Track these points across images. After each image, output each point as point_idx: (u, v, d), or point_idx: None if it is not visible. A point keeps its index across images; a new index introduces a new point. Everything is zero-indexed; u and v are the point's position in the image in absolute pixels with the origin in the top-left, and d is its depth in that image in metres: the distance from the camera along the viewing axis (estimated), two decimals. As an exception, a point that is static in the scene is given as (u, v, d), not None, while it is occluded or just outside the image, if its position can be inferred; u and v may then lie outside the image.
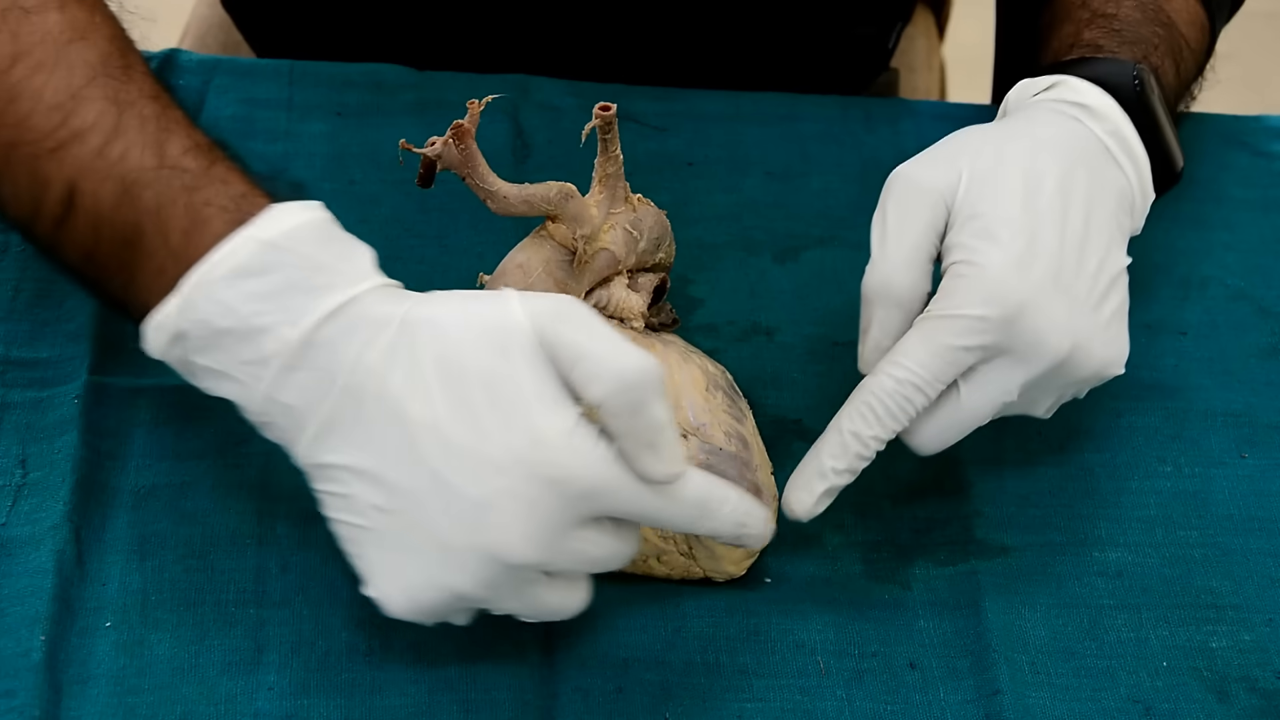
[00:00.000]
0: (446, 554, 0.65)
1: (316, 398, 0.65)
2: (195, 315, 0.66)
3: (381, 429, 0.65)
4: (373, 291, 0.67)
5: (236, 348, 0.66)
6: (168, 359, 0.68)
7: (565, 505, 0.64)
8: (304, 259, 0.66)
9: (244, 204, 0.68)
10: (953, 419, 0.74)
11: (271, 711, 0.70)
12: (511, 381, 0.64)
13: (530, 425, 0.63)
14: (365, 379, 0.65)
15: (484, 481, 0.63)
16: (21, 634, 0.70)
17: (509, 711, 0.71)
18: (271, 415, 0.67)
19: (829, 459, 0.73)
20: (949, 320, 0.72)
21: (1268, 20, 2.22)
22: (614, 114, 0.73)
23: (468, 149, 0.72)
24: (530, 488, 0.63)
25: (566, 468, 0.63)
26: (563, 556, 0.65)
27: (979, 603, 0.76)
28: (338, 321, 0.65)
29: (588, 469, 0.64)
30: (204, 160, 0.69)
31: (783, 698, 0.73)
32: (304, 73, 0.97)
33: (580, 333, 0.64)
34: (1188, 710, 0.73)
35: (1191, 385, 0.86)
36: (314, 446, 0.66)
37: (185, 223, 0.67)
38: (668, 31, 1.04)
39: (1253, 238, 0.93)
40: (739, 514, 0.68)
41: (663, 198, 0.79)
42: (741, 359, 0.84)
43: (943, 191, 0.74)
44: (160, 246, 0.68)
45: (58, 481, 0.75)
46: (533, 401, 0.64)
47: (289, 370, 0.66)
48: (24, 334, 0.82)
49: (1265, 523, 0.80)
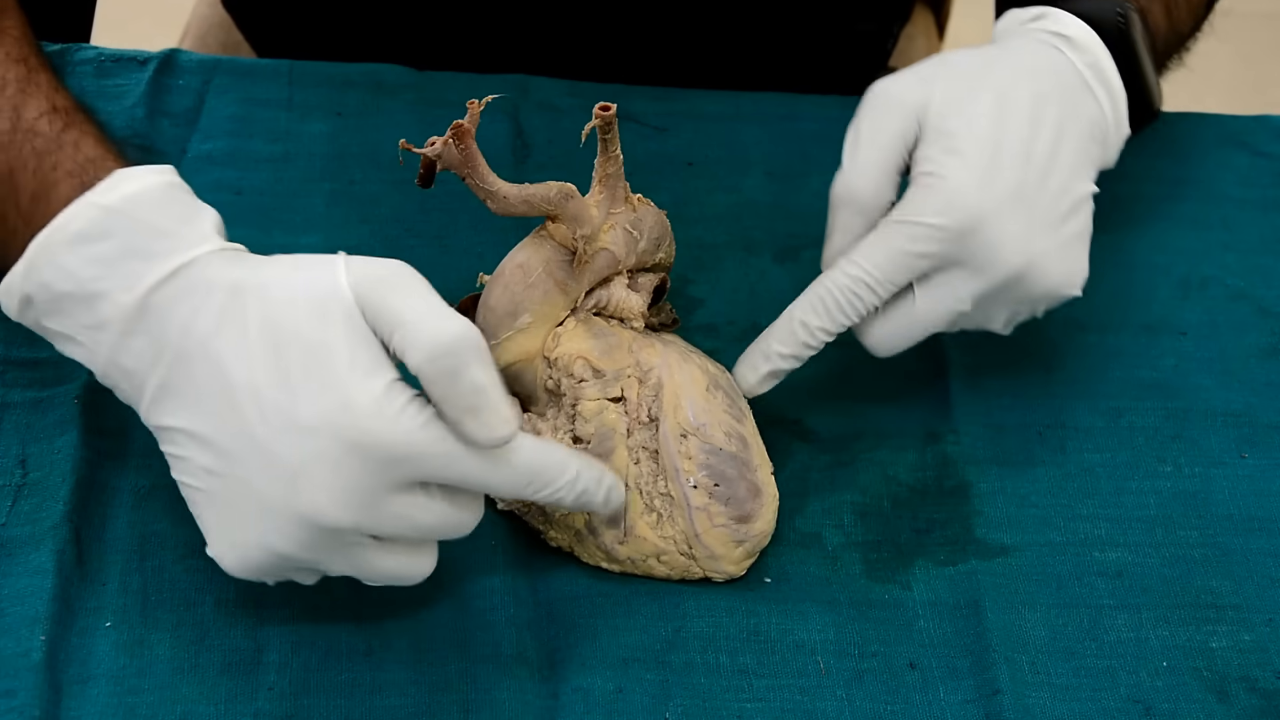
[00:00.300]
0: (267, 516, 0.66)
1: (151, 361, 0.67)
2: (39, 279, 0.68)
3: (209, 393, 0.66)
4: (209, 256, 0.68)
5: (77, 312, 0.68)
6: (23, 322, 0.70)
7: (375, 470, 0.64)
8: (142, 224, 0.67)
9: (91, 169, 0.70)
10: (906, 322, 0.76)
11: (271, 711, 0.70)
12: (326, 347, 0.65)
13: (340, 391, 0.64)
14: (195, 344, 0.66)
15: (296, 445, 0.64)
16: (21, 634, 0.70)
17: (509, 711, 0.71)
18: (114, 379, 0.69)
19: (776, 343, 0.76)
20: (906, 226, 0.74)
21: (1268, 20, 2.22)
22: (614, 114, 0.73)
23: (468, 149, 0.72)
24: (338, 451, 0.64)
25: (372, 433, 0.64)
26: (384, 521, 0.66)
27: (979, 603, 0.76)
28: (171, 286, 0.67)
29: (395, 434, 0.64)
30: (59, 124, 0.71)
31: (783, 698, 0.73)
32: (304, 73, 0.97)
33: (400, 299, 0.65)
34: (1188, 710, 0.73)
35: (1191, 385, 0.86)
36: (153, 409, 0.68)
37: (34, 186, 0.69)
38: (668, 31, 1.04)
39: (1253, 238, 0.93)
40: (581, 483, 0.68)
41: (663, 198, 0.79)
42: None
43: (915, 107, 0.77)
44: (12, 210, 0.70)
45: (58, 481, 0.75)
46: (345, 367, 0.64)
47: (126, 335, 0.67)
48: (24, 334, 0.81)
49: (1265, 523, 0.81)
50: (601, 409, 0.74)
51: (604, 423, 0.74)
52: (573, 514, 0.75)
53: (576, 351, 0.75)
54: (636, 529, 0.74)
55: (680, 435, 0.74)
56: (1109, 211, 0.94)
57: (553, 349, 0.75)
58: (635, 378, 0.75)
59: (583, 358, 0.75)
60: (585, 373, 0.75)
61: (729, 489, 0.74)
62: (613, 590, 0.75)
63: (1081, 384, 0.86)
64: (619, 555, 0.75)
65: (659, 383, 0.75)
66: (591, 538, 0.75)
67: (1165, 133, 0.98)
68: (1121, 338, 0.88)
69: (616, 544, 0.75)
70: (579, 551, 0.76)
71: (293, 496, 0.65)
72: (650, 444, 0.74)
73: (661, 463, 0.74)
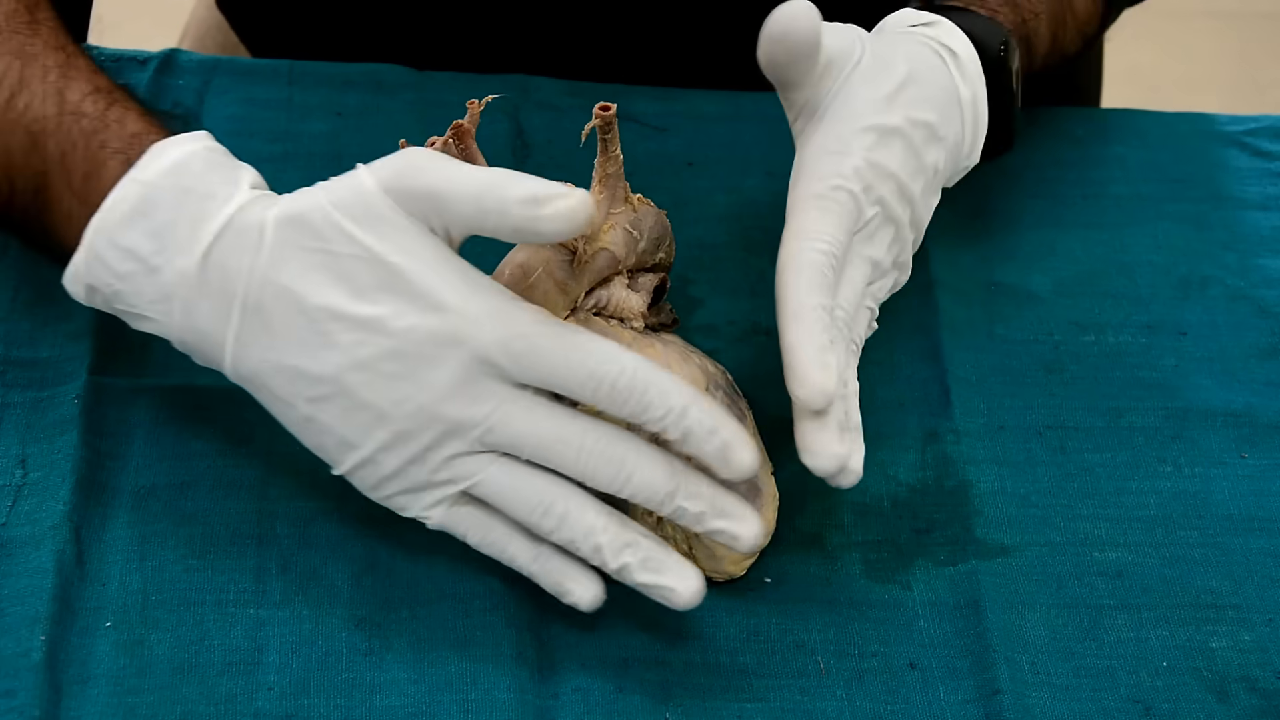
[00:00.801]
0: (386, 420, 0.67)
1: (224, 316, 0.68)
2: (100, 265, 0.70)
3: (288, 326, 0.67)
4: (250, 204, 0.69)
5: (143, 289, 0.69)
6: (93, 305, 0.72)
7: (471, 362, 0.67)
8: (188, 192, 0.69)
9: (136, 143, 0.71)
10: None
11: (271, 711, 0.70)
12: (377, 253, 0.67)
13: (411, 293, 0.66)
14: (259, 285, 0.68)
15: (386, 350, 0.67)
16: (21, 634, 0.70)
17: (509, 711, 0.71)
18: (192, 344, 0.70)
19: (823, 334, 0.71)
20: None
21: (1268, 20, 2.22)
22: (614, 114, 0.73)
23: (468, 149, 0.72)
24: (432, 348, 0.66)
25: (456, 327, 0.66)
26: (497, 416, 0.67)
27: (979, 603, 0.76)
28: (224, 242, 0.68)
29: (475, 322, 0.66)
30: (102, 104, 0.73)
31: (783, 698, 0.73)
32: (304, 73, 0.97)
33: (426, 180, 0.67)
34: (1188, 710, 0.73)
35: (1191, 385, 0.86)
36: (237, 362, 0.69)
37: (86, 167, 0.71)
38: (668, 31, 1.04)
39: (1253, 238, 0.93)
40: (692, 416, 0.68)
41: (663, 198, 0.79)
42: (741, 359, 0.84)
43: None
44: (66, 192, 0.72)
45: (58, 481, 0.75)
46: (402, 268, 0.66)
47: (193, 299, 0.69)
48: (24, 334, 0.82)
49: (1265, 523, 0.81)
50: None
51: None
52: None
53: (576, 351, 0.75)
54: (636, 529, 0.74)
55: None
56: (1109, 211, 0.94)
57: (553, 349, 0.75)
58: (635, 378, 0.75)
59: (583, 358, 0.75)
60: (585, 373, 0.75)
61: (729, 489, 0.74)
62: (613, 590, 0.75)
63: (1081, 384, 0.86)
64: (619, 555, 0.75)
65: (659, 383, 0.75)
66: (591, 538, 0.75)
67: (1165, 133, 0.98)
68: (1121, 338, 0.88)
69: (616, 544, 0.75)
70: (579, 551, 0.76)
71: (410, 396, 0.67)
72: (650, 444, 0.74)
73: (661, 463, 0.74)
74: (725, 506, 0.70)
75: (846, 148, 0.75)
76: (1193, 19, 2.20)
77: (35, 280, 0.83)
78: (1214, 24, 2.18)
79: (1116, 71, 1.27)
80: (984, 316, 0.88)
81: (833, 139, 0.75)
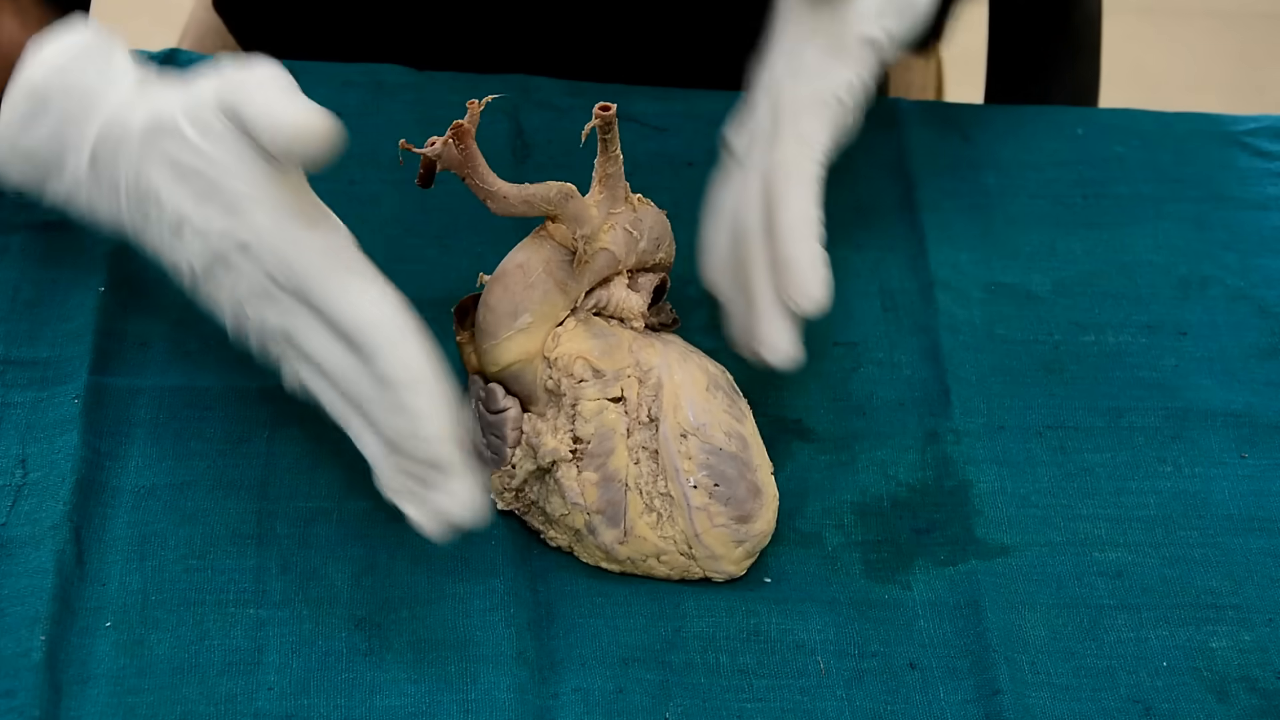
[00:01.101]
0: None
1: (122, 208, 0.73)
2: (15, 167, 0.75)
3: (159, 222, 0.72)
4: (120, 108, 0.73)
5: (60, 175, 0.74)
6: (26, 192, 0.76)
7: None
8: (69, 90, 0.73)
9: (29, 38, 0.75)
10: None
11: (271, 711, 0.70)
12: (212, 167, 0.70)
13: (223, 203, 0.70)
14: (136, 183, 0.72)
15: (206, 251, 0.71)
16: (21, 634, 0.70)
17: (509, 711, 0.71)
18: (107, 221, 0.74)
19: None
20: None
21: (1268, 20, 2.22)
22: (614, 114, 0.73)
23: (468, 149, 0.72)
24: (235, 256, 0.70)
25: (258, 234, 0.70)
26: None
27: (979, 603, 0.76)
28: (104, 147, 0.73)
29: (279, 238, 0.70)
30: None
31: (783, 698, 0.73)
32: (303, 73, 0.96)
33: (248, 109, 0.69)
34: (1188, 710, 0.73)
35: (1191, 385, 0.86)
36: (140, 241, 0.73)
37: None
38: (668, 31, 1.04)
39: (1253, 238, 0.93)
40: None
41: (663, 198, 0.79)
42: (741, 359, 0.84)
43: None
44: None
45: (58, 481, 0.75)
46: (219, 182, 0.70)
47: (95, 187, 0.74)
48: (24, 334, 0.82)
49: (1265, 523, 0.81)
50: (601, 409, 0.74)
51: (604, 423, 0.74)
52: (573, 514, 0.75)
53: (576, 351, 0.75)
54: (636, 529, 0.74)
55: (680, 435, 0.74)
56: (1109, 211, 0.94)
57: (552, 349, 0.75)
58: (635, 378, 0.75)
59: (582, 358, 0.75)
60: (585, 373, 0.75)
61: (729, 489, 0.74)
62: (613, 590, 0.75)
63: (1081, 384, 0.86)
64: (619, 555, 0.75)
65: (659, 383, 0.75)
66: (591, 537, 0.75)
67: (1165, 133, 0.98)
68: (1121, 338, 0.88)
69: (616, 544, 0.75)
70: (579, 551, 0.76)
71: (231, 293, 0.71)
72: (650, 444, 0.74)
73: (661, 463, 0.74)
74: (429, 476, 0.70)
75: (849, 55, 0.80)
76: (1193, 19, 2.20)
77: (35, 280, 0.84)
78: (1214, 24, 2.19)
79: (1116, 71, 1.27)
80: (984, 316, 0.88)
81: (836, 40, 0.80)
